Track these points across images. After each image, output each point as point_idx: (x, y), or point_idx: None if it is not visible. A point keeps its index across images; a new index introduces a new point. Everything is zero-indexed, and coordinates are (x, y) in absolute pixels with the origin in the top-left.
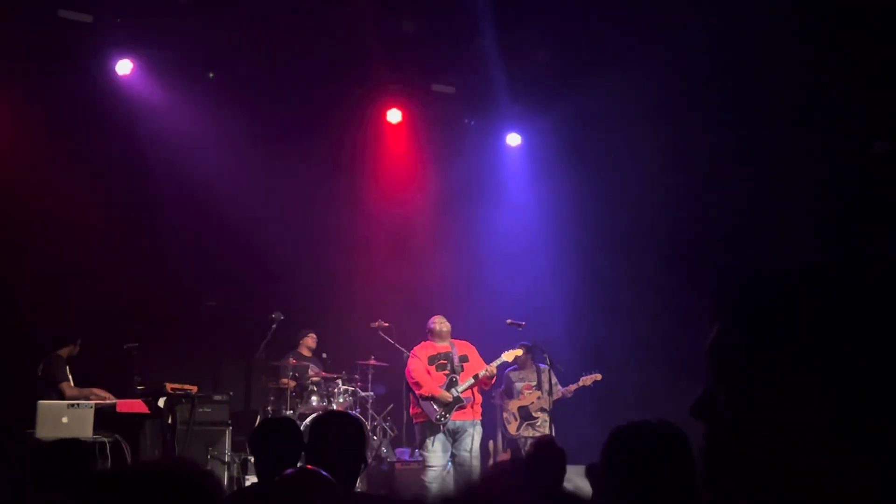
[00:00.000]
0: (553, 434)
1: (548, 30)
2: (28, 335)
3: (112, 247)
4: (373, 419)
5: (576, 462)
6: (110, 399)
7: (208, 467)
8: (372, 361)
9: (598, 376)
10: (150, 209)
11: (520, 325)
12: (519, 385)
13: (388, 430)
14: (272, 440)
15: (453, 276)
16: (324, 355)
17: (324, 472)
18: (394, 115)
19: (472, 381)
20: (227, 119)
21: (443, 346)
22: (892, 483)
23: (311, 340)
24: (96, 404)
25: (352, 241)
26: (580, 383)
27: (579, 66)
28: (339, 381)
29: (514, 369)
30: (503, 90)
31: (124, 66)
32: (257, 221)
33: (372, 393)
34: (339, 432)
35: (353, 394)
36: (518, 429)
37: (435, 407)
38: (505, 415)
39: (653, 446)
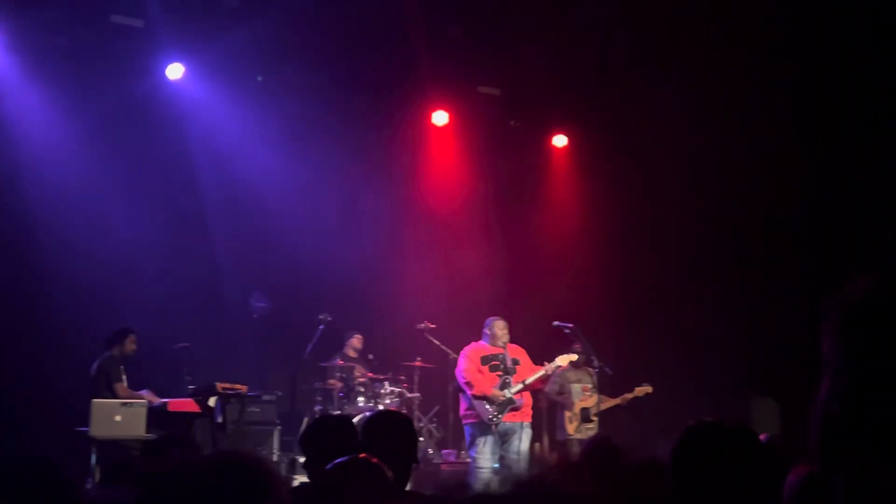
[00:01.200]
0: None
1: (594, 31)
2: (81, 335)
3: (163, 248)
4: (419, 420)
5: None
6: (157, 401)
7: None
8: (418, 363)
9: (650, 388)
10: (200, 211)
11: (567, 328)
12: (577, 386)
13: (434, 432)
14: (327, 438)
15: (500, 278)
16: (370, 356)
17: (374, 460)
18: (439, 118)
19: (522, 385)
20: (275, 121)
21: (496, 348)
22: None
23: (356, 342)
24: (148, 403)
25: (398, 243)
26: (635, 393)
27: (625, 67)
28: (386, 383)
29: (570, 369)
30: (549, 91)
31: (175, 71)
32: (305, 223)
33: (418, 394)
34: (391, 431)
35: (400, 395)
36: (575, 430)
37: (488, 407)
38: (568, 414)
39: (725, 447)
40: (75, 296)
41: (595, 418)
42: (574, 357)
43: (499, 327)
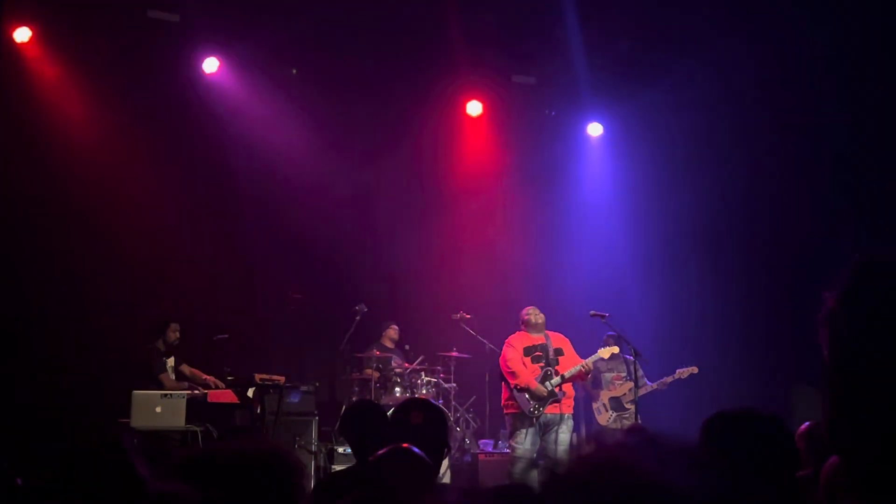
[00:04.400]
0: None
1: (630, 18)
2: (120, 327)
3: (200, 240)
4: (455, 410)
5: None
6: (219, 384)
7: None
8: (454, 353)
9: (695, 369)
10: (237, 203)
11: (603, 317)
12: (608, 375)
13: (472, 422)
14: (357, 424)
15: (536, 267)
16: (406, 347)
17: (416, 449)
18: (474, 108)
19: (562, 378)
20: (310, 114)
21: (538, 337)
22: None
23: (393, 332)
24: (188, 394)
25: (433, 234)
26: (676, 376)
27: (662, 54)
28: (422, 373)
29: (602, 359)
30: (585, 80)
31: (211, 65)
32: (341, 214)
33: (454, 384)
34: (421, 418)
35: (436, 385)
36: (609, 420)
37: (529, 399)
38: (595, 405)
39: (751, 433)
40: (115, 287)
41: (630, 406)
42: (616, 349)
43: (532, 314)
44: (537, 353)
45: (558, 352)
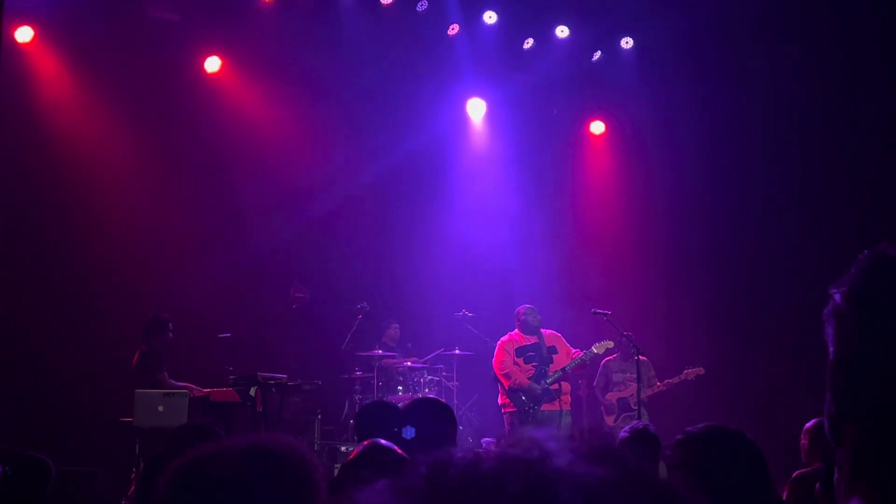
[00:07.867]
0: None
1: (630, 19)
2: (122, 326)
3: (203, 239)
4: (458, 409)
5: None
6: (202, 392)
7: None
8: (457, 352)
9: (701, 370)
10: (239, 203)
11: (605, 315)
12: (619, 376)
13: (474, 420)
14: (375, 423)
15: (539, 265)
16: (409, 345)
17: (392, 446)
18: (477, 106)
19: (560, 373)
20: (311, 112)
21: (530, 337)
22: None
23: (393, 331)
24: (190, 393)
25: (435, 233)
26: (682, 376)
27: (663, 57)
28: (425, 371)
29: (615, 360)
30: (587, 78)
31: (213, 64)
32: (342, 213)
33: (457, 383)
34: (428, 416)
35: (439, 384)
36: (616, 420)
37: (524, 398)
38: (602, 406)
39: (721, 454)
40: (116, 286)
41: (636, 407)
42: (610, 344)
43: (528, 313)
44: (530, 353)
45: (552, 350)
